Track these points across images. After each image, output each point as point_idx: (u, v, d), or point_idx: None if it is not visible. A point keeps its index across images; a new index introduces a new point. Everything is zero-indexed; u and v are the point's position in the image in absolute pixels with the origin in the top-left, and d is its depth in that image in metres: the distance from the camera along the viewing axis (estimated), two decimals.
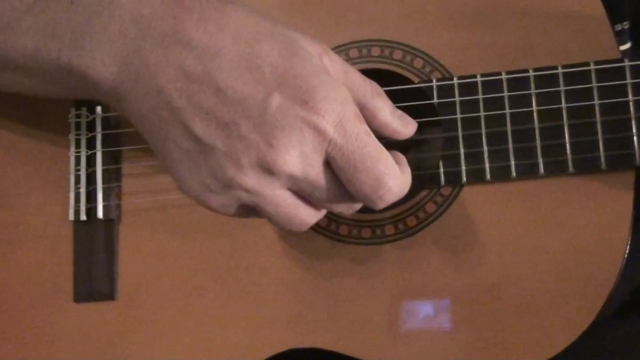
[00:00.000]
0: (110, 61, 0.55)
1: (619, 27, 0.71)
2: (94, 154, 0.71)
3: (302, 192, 0.55)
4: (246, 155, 0.52)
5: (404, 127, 0.59)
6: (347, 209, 0.56)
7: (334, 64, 0.55)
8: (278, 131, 0.51)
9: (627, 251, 0.61)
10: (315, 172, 0.53)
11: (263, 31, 0.53)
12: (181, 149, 0.54)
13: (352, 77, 0.57)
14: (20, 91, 0.65)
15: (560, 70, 0.62)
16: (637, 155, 0.61)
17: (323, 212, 0.57)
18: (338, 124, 0.52)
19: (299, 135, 0.51)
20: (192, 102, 0.52)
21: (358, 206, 0.57)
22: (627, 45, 0.72)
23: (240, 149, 0.52)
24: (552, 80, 0.63)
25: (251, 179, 0.53)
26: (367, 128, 0.53)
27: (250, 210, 0.56)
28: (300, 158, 0.52)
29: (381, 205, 0.55)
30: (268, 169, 0.52)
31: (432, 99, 0.65)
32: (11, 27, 0.59)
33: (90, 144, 0.71)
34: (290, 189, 0.55)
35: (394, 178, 0.54)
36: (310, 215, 0.56)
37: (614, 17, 0.70)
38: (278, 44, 0.53)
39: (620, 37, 0.71)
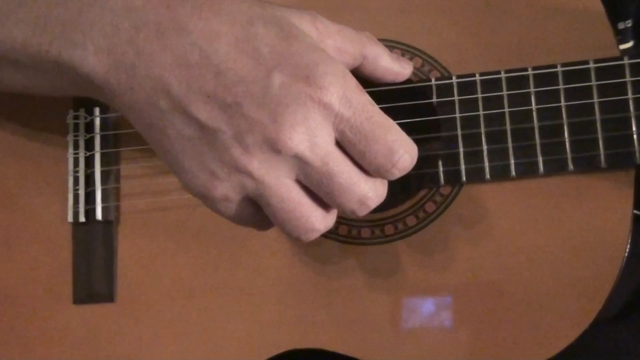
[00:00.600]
0: (103, 53, 0.54)
1: (621, 25, 0.70)
2: (93, 155, 0.71)
3: (311, 183, 0.53)
4: (251, 134, 0.51)
5: (404, 68, 0.59)
6: (359, 205, 0.54)
7: (326, 26, 0.55)
8: (282, 107, 0.50)
9: (627, 250, 0.61)
10: (324, 152, 0.52)
11: (256, 15, 0.53)
12: (183, 137, 0.53)
13: (347, 32, 0.57)
14: (14, 88, 0.65)
15: (559, 69, 0.62)
16: (637, 154, 0.61)
17: (332, 217, 0.56)
18: (342, 97, 0.51)
19: (304, 111, 0.50)
20: (192, 88, 0.52)
21: (371, 202, 0.54)
22: (630, 44, 0.72)
23: (244, 128, 0.51)
24: (552, 78, 0.62)
25: (257, 159, 0.52)
26: (370, 98, 0.53)
27: (253, 209, 0.55)
28: (306, 135, 0.51)
29: (397, 174, 0.53)
30: (274, 147, 0.51)
31: (431, 98, 0.64)
32: (1, 22, 0.59)
33: (89, 145, 0.71)
34: (297, 181, 0.54)
35: (405, 144, 0.53)
36: (317, 218, 0.55)
37: (618, 15, 0.70)
38: (273, 27, 0.52)
39: (623, 35, 0.70)
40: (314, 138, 0.51)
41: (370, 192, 0.54)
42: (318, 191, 0.54)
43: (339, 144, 0.53)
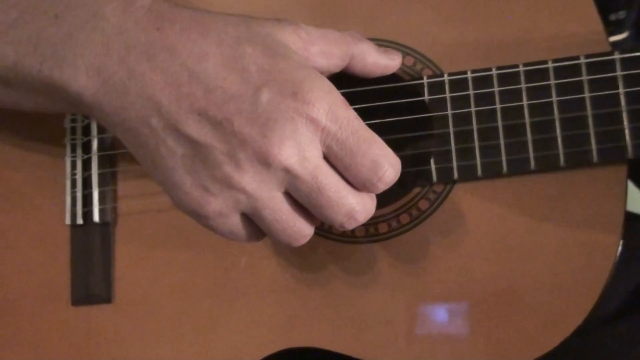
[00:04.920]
0: (94, 73, 0.55)
1: (613, 16, 0.70)
2: (90, 158, 0.72)
3: (300, 196, 0.54)
4: (242, 150, 0.52)
5: (392, 60, 0.62)
6: (347, 218, 0.55)
7: (309, 33, 0.57)
8: (271, 123, 0.52)
9: (620, 245, 0.61)
10: (313, 166, 0.53)
11: (243, 35, 0.54)
12: (175, 154, 0.54)
13: (331, 35, 0.58)
14: (5, 105, 0.66)
15: (550, 65, 0.62)
16: (628, 148, 0.60)
17: (318, 219, 0.57)
18: (329, 111, 0.53)
19: (292, 126, 0.52)
20: (182, 106, 0.53)
21: (359, 216, 0.56)
22: (624, 35, 0.71)
23: (235, 144, 0.52)
24: (543, 74, 0.62)
25: (248, 175, 0.53)
26: (355, 113, 0.54)
27: (245, 222, 0.57)
28: (295, 149, 0.52)
29: (382, 187, 0.55)
30: (264, 161, 0.52)
31: (423, 96, 0.65)
32: None
33: (86, 148, 0.72)
34: (287, 193, 0.55)
35: (389, 158, 0.54)
36: (308, 225, 0.57)
37: (609, 6, 0.70)
38: (260, 46, 0.54)
39: (615, 27, 0.70)
40: (303, 152, 0.53)
41: (358, 206, 0.55)
42: (307, 204, 0.55)
43: (326, 158, 0.54)
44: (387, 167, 0.54)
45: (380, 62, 0.61)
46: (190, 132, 0.53)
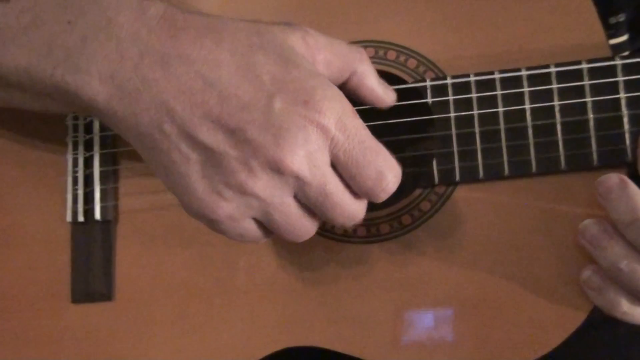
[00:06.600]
0: (107, 79, 0.55)
1: (613, 20, 0.71)
2: (92, 156, 0.72)
3: (307, 200, 0.56)
4: (255, 158, 0.53)
5: (386, 95, 0.62)
6: (349, 220, 0.57)
7: (317, 41, 0.57)
8: (284, 131, 0.53)
9: None
10: (321, 174, 0.54)
11: (255, 44, 0.55)
12: (188, 161, 0.55)
13: (339, 47, 0.59)
14: (13, 106, 0.66)
15: (552, 69, 0.63)
16: (628, 151, 0.61)
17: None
18: (338, 121, 0.54)
19: (304, 134, 0.53)
20: (196, 113, 0.54)
21: (359, 219, 0.58)
22: (623, 38, 0.72)
23: (249, 152, 0.53)
24: (545, 78, 0.63)
25: (262, 181, 0.54)
26: (362, 122, 0.55)
27: (255, 225, 0.57)
28: (306, 158, 0.53)
29: (384, 197, 0.56)
30: (277, 169, 0.53)
31: (426, 98, 0.65)
32: (6, 45, 0.59)
33: (88, 146, 0.72)
34: (296, 198, 0.56)
35: (392, 169, 0.56)
36: (313, 225, 0.58)
37: (610, 10, 0.71)
38: (272, 54, 0.55)
39: (614, 30, 0.71)
40: (314, 161, 0.54)
41: (359, 210, 0.58)
42: (313, 207, 0.56)
43: (333, 166, 0.55)
44: (391, 177, 0.56)
45: (377, 90, 0.61)
46: (204, 139, 0.54)
